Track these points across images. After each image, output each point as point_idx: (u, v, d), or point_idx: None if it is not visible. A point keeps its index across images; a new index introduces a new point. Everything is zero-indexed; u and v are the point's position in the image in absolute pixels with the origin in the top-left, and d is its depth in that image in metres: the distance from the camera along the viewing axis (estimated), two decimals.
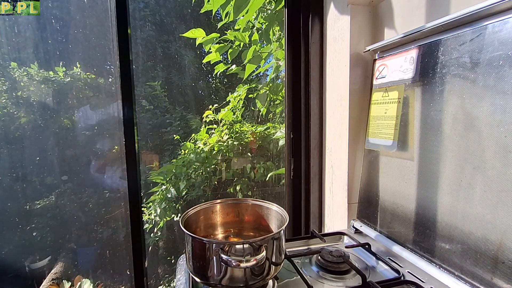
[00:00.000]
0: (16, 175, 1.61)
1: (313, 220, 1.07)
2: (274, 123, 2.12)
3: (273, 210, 0.68)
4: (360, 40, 0.86)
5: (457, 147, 0.58)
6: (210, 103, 2.24)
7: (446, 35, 0.61)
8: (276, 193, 2.05)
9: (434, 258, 0.62)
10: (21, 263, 1.58)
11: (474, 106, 0.54)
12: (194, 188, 1.97)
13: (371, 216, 0.82)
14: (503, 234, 0.49)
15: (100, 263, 1.79)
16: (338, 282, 0.62)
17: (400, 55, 0.73)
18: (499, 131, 0.50)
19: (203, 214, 0.69)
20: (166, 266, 2.10)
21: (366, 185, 0.85)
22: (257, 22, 1.70)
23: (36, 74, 1.78)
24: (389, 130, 0.75)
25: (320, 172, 1.04)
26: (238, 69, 1.88)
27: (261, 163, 2.00)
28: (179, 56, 2.55)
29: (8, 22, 1.52)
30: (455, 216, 0.58)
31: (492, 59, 0.51)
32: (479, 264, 0.53)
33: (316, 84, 1.02)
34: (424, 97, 0.66)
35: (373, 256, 0.71)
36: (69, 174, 1.79)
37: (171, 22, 2.56)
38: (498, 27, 0.51)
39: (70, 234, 1.78)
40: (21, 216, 1.65)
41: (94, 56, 1.92)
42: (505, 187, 0.49)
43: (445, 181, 0.60)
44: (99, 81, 1.96)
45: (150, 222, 2.00)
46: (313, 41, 1.01)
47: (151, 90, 2.32)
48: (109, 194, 1.88)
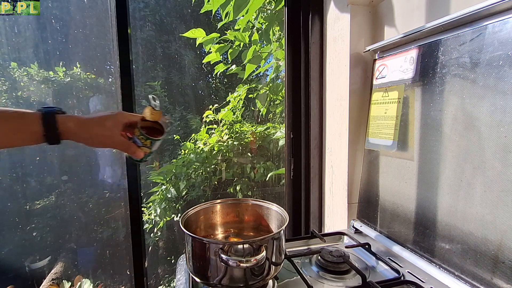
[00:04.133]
0: (16, 175, 1.61)
1: (313, 220, 1.07)
2: (274, 123, 2.12)
3: (273, 210, 0.68)
4: (360, 40, 0.86)
5: (457, 147, 0.58)
6: (210, 103, 2.24)
7: (446, 35, 0.61)
8: (276, 193, 2.05)
9: (434, 258, 0.62)
10: (21, 263, 1.59)
11: (474, 106, 0.54)
12: (194, 188, 1.97)
13: (371, 216, 0.82)
14: (503, 234, 0.49)
15: (100, 263, 1.79)
16: (338, 282, 0.62)
17: (400, 55, 0.73)
18: (499, 131, 0.50)
19: (203, 214, 0.69)
20: (166, 266, 2.10)
21: (366, 185, 0.85)
22: (257, 22, 1.70)
23: (36, 74, 1.78)
24: (389, 130, 0.75)
25: (320, 172, 1.04)
26: (238, 69, 1.88)
27: (261, 163, 2.00)
28: (179, 56, 2.55)
29: (8, 22, 1.52)
30: (455, 216, 0.57)
31: (492, 59, 0.51)
32: (479, 264, 0.53)
33: (316, 84, 1.02)
34: (424, 97, 0.66)
35: (373, 256, 0.71)
36: (69, 174, 1.79)
37: (171, 22, 2.56)
38: (498, 27, 0.51)
39: (70, 234, 1.78)
40: (21, 216, 1.65)
41: (94, 56, 1.92)
42: (505, 187, 0.49)
43: (445, 181, 0.60)
44: (99, 81, 1.96)
45: (150, 222, 2.00)
46: (313, 41, 1.01)
47: (151, 90, 2.32)
48: (109, 194, 1.88)
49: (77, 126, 0.50)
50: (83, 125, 0.50)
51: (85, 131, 0.51)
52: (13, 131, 0.47)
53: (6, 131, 0.46)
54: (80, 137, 0.51)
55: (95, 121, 0.52)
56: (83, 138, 0.51)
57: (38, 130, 0.47)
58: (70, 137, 0.50)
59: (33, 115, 0.47)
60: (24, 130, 0.47)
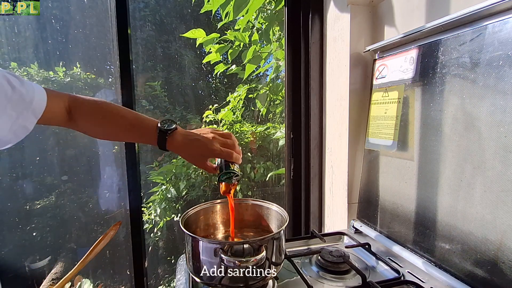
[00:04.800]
0: (16, 175, 1.61)
1: (313, 220, 1.07)
2: (274, 123, 2.12)
3: (273, 210, 0.68)
4: (360, 40, 0.86)
5: (457, 147, 0.57)
6: (210, 103, 2.24)
7: (446, 35, 0.61)
8: (276, 193, 2.05)
9: (434, 258, 0.62)
10: (21, 263, 1.58)
11: (474, 106, 0.54)
12: (194, 188, 1.97)
13: (371, 216, 0.82)
14: (503, 234, 0.49)
15: (100, 263, 1.79)
16: (338, 282, 0.62)
17: (400, 55, 0.73)
18: (499, 131, 0.50)
19: (203, 214, 0.69)
20: (166, 266, 2.10)
21: (366, 185, 0.85)
22: (257, 22, 1.70)
23: (36, 74, 1.78)
24: (389, 130, 0.75)
25: (320, 172, 1.04)
26: (238, 69, 1.88)
27: (261, 163, 2.00)
28: (179, 56, 2.55)
29: (8, 22, 1.52)
30: (455, 216, 0.57)
31: (492, 59, 0.51)
32: (479, 264, 0.53)
33: (316, 84, 1.02)
34: (424, 97, 0.66)
35: (373, 256, 0.70)
36: (69, 174, 1.79)
37: (171, 22, 2.56)
38: (498, 27, 0.51)
39: (70, 234, 1.78)
40: (21, 216, 1.65)
41: (94, 56, 1.92)
42: (505, 187, 0.49)
43: (445, 181, 0.60)
44: (99, 81, 1.96)
45: (150, 222, 2.00)
46: (313, 41, 1.01)
47: (151, 90, 2.32)
48: (109, 194, 1.88)
49: (179, 145, 0.57)
50: (183, 146, 0.57)
51: (184, 151, 0.58)
52: (132, 136, 0.59)
53: (127, 136, 0.60)
54: (181, 154, 0.59)
55: (193, 144, 0.57)
56: (183, 156, 0.59)
57: (152, 141, 0.56)
58: (174, 151, 0.58)
59: (151, 128, 0.56)
60: (141, 137, 0.58)
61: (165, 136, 0.55)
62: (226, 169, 0.58)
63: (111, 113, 0.56)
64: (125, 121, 0.56)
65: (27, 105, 0.46)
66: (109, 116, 0.56)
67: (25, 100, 0.46)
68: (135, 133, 0.57)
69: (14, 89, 0.45)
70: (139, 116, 0.58)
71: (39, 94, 0.49)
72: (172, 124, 0.56)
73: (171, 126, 0.56)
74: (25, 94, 0.46)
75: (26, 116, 0.46)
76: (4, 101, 0.44)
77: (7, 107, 0.44)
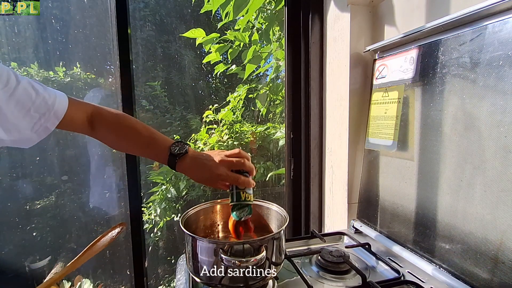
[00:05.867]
0: (16, 175, 1.61)
1: (313, 220, 1.07)
2: (274, 123, 2.12)
3: (273, 210, 0.68)
4: (360, 40, 0.86)
5: (457, 147, 0.57)
6: (210, 103, 2.24)
7: (446, 35, 0.61)
8: (276, 193, 2.05)
9: (434, 258, 0.62)
10: (21, 263, 1.58)
11: (474, 106, 0.54)
12: (194, 188, 1.97)
13: (371, 216, 0.82)
14: (503, 234, 0.49)
15: (100, 263, 1.79)
16: (338, 282, 0.62)
17: (400, 55, 0.73)
18: (499, 131, 0.50)
19: (203, 214, 0.69)
20: (166, 266, 2.10)
21: (366, 185, 0.85)
22: (257, 22, 1.70)
23: (36, 74, 1.78)
24: (389, 130, 0.75)
25: (320, 172, 1.04)
26: (238, 69, 1.88)
27: (261, 163, 2.00)
28: (179, 56, 2.55)
29: (8, 22, 1.52)
30: (455, 216, 0.57)
31: (492, 59, 0.51)
32: (479, 264, 0.53)
33: (316, 84, 1.02)
34: (424, 97, 0.66)
35: (373, 256, 0.71)
36: (69, 174, 1.79)
37: (171, 22, 2.56)
38: (498, 27, 0.51)
39: (70, 234, 1.78)
40: (21, 216, 1.65)
41: (94, 56, 1.92)
42: (505, 187, 0.49)
43: (445, 181, 0.60)
44: (99, 81, 1.96)
45: (150, 222, 2.00)
46: (313, 41, 1.01)
47: (151, 90, 2.32)
48: (109, 194, 1.88)
49: (188, 168, 0.59)
50: (191, 170, 0.59)
51: (192, 175, 0.60)
52: (145, 155, 0.62)
53: (141, 153, 0.64)
54: (190, 177, 0.61)
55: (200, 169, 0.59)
56: (192, 178, 0.61)
57: (163, 161, 0.59)
58: (184, 173, 0.60)
59: (163, 151, 0.58)
60: (153, 157, 0.61)
61: (175, 160, 0.58)
62: (237, 199, 0.59)
63: (130, 130, 0.60)
64: (140, 140, 0.60)
65: (49, 107, 0.52)
66: (127, 132, 0.60)
67: (48, 103, 0.51)
68: (149, 153, 0.61)
69: (38, 94, 0.50)
70: (154, 135, 0.60)
71: (61, 99, 0.54)
72: (183, 147, 0.58)
73: (182, 149, 0.58)
74: (48, 98, 0.51)
75: (48, 117, 0.52)
76: (29, 104, 0.49)
77: (31, 109, 0.50)
